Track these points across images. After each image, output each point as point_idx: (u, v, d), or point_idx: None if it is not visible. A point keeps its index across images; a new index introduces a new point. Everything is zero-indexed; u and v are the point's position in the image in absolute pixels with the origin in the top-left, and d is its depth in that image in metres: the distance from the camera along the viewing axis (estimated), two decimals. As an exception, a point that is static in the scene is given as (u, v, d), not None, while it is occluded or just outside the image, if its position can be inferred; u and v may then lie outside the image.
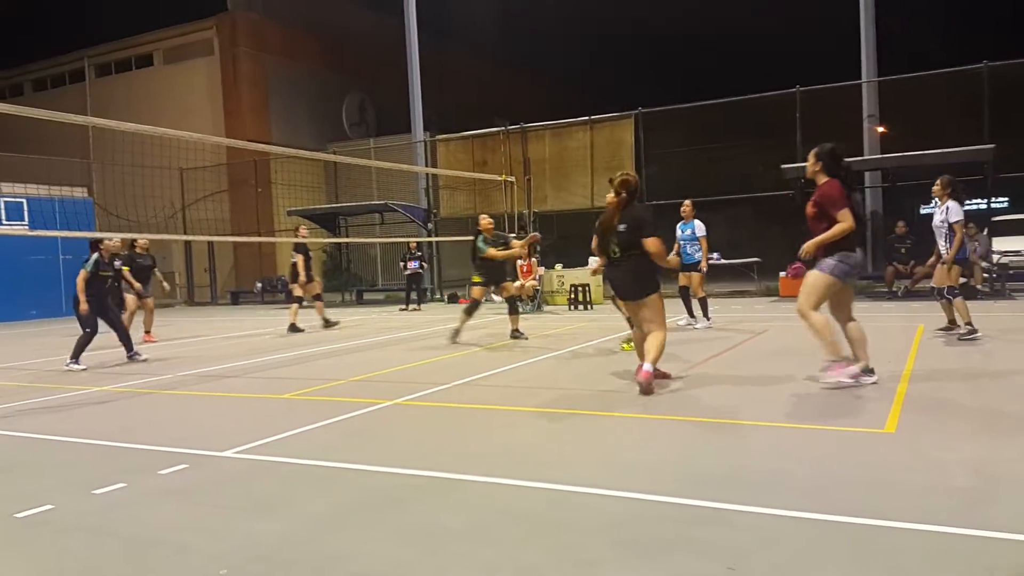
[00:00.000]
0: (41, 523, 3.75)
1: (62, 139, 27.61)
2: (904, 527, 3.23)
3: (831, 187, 6.17)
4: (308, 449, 5.00)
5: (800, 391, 6.26)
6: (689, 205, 11.49)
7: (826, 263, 6.19)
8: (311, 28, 31.53)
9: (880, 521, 3.29)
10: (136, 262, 12.75)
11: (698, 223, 11.32)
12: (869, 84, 18.89)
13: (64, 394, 7.74)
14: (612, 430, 5.28)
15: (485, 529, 3.44)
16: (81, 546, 3.46)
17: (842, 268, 6.16)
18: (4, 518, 3.83)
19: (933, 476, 3.91)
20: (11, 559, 3.34)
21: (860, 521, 3.30)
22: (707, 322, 11.32)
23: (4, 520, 3.80)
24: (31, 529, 3.68)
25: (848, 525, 3.28)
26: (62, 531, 3.65)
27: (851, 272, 6.24)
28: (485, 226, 10.90)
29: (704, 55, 37.82)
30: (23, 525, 3.73)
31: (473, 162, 22.67)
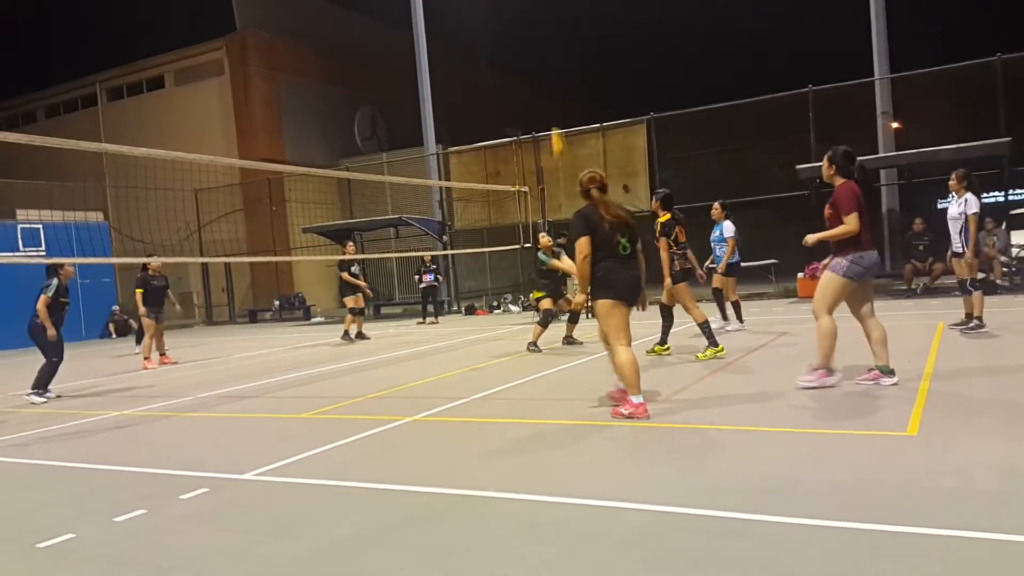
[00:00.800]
0: (63, 553, 3.74)
1: (77, 164, 27.90)
2: (929, 533, 3.17)
3: (844, 189, 6.21)
4: (328, 469, 4.98)
5: (821, 395, 6.17)
6: (718, 207, 11.50)
7: (838, 264, 6.20)
8: (320, 44, 31.72)
9: (904, 527, 3.23)
10: (150, 284, 12.77)
11: (727, 224, 11.31)
12: (882, 81, 18.75)
13: (84, 420, 7.77)
14: (634, 441, 5.22)
15: (508, 547, 3.40)
16: (104, 575, 3.44)
17: (855, 269, 6.15)
18: (26, 548, 3.82)
19: (958, 479, 3.83)
20: (34, 591, 3.33)
21: (884, 528, 3.25)
22: (740, 325, 11.23)
23: (26, 551, 3.80)
24: (53, 559, 3.67)
25: (871, 532, 3.22)
26: (84, 561, 3.65)
27: (865, 272, 6.22)
28: (545, 244, 11.25)
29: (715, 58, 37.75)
30: (45, 556, 3.72)
31: (486, 173, 22.70)
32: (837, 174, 6.32)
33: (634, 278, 5.93)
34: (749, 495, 3.81)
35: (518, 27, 34.16)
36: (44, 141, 8.21)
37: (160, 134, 29.10)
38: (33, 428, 7.41)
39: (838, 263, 6.20)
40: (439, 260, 20.22)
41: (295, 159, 27.99)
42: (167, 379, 10.92)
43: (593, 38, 38.62)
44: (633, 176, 20.61)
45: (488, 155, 23.02)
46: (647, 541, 3.33)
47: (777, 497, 3.74)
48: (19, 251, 18.93)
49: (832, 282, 6.25)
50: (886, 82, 18.73)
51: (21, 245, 19.46)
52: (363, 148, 32.62)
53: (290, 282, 28.44)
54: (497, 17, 32.60)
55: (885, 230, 18.59)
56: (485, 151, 23.07)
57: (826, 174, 6.43)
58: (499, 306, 21.27)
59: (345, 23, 33.02)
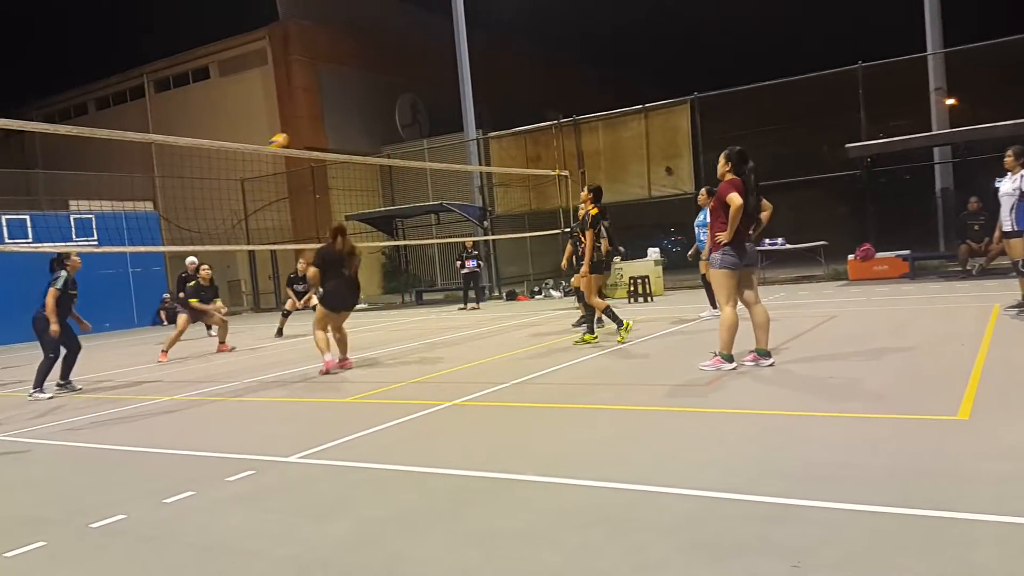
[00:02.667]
0: (115, 533, 3.83)
1: (127, 155, 28.52)
2: (980, 519, 3.08)
3: (726, 183, 6.76)
4: (370, 452, 5.02)
5: (869, 379, 6.05)
6: (704, 193, 11.49)
7: (714, 258, 6.80)
8: (361, 32, 31.86)
9: (954, 513, 3.15)
10: (200, 294, 12.93)
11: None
12: (935, 55, 18.16)
13: (135, 405, 7.95)
14: (674, 426, 5.16)
15: (549, 531, 3.38)
16: (153, 554, 3.52)
17: (728, 259, 6.70)
18: (79, 529, 3.92)
19: (1010, 464, 3.72)
20: (87, 569, 3.42)
21: (932, 513, 3.17)
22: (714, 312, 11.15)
23: (80, 531, 3.90)
24: (105, 539, 3.76)
25: (919, 518, 3.15)
26: (135, 540, 3.73)
27: (738, 261, 6.71)
28: None
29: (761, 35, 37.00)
30: (98, 535, 3.82)
31: (526, 158, 22.62)
32: (731, 172, 6.82)
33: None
34: (796, 480, 3.74)
35: (559, 9, 33.85)
36: (94, 133, 8.38)
37: (206, 124, 29.59)
38: (86, 413, 7.61)
39: (714, 258, 6.79)
40: (480, 246, 20.23)
41: (337, 147, 28.23)
42: (214, 366, 11.13)
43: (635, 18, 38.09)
44: (676, 158, 20.33)
45: (528, 139, 22.93)
46: (689, 527, 3.29)
47: (825, 482, 3.67)
48: (72, 241, 19.41)
49: (715, 275, 6.86)
50: (940, 56, 18.13)
51: (74, 235, 19.95)
52: (404, 135, 32.75)
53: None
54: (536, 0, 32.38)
55: (939, 210, 18.07)
56: (525, 135, 22.98)
57: (720, 171, 6.90)
58: (540, 291, 21.24)
59: (385, 10, 33.11)
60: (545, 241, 21.95)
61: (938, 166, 18.08)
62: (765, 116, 19.74)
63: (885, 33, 23.21)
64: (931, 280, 14.97)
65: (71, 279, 9.10)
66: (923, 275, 15.73)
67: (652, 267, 17.17)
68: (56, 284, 8.87)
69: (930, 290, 12.95)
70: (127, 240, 19.86)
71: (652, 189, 20.70)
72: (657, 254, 17.75)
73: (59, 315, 8.82)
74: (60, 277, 8.93)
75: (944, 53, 18.14)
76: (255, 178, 25.93)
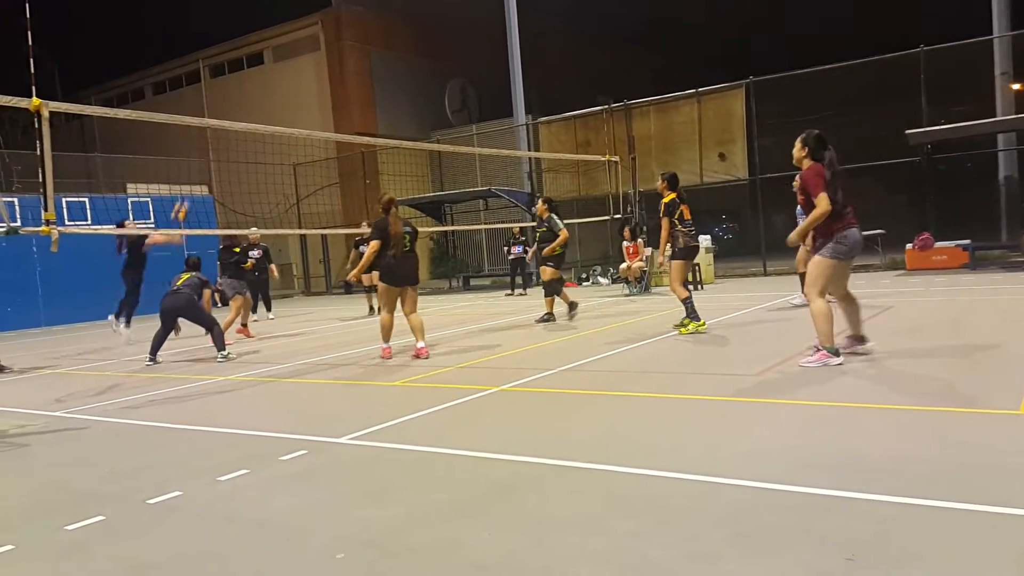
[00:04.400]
0: (171, 509, 3.93)
1: (183, 139, 29.05)
2: None
3: (810, 171, 6.34)
4: (420, 436, 5.06)
5: (926, 371, 5.91)
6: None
7: (826, 246, 6.33)
8: (412, 17, 31.96)
9: (1012, 509, 3.06)
10: (246, 251, 13.18)
11: None
12: (1001, 39, 17.52)
13: (190, 384, 8.14)
14: (725, 415, 5.10)
15: (597, 518, 3.37)
16: (208, 530, 3.60)
17: (840, 248, 6.29)
18: (137, 504, 4.03)
19: (1077, 462, 3.59)
20: (145, 543, 3.51)
21: (988, 509, 3.09)
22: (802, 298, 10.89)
23: (137, 506, 4.01)
24: (162, 514, 3.86)
25: (975, 513, 3.07)
26: (191, 516, 3.82)
27: (850, 251, 6.36)
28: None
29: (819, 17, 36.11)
30: (155, 511, 3.92)
31: (576, 143, 22.49)
32: (808, 157, 6.41)
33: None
34: (849, 472, 3.67)
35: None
36: (152, 117, 8.57)
37: (260, 109, 30.03)
38: (143, 392, 7.81)
39: (826, 245, 6.32)
40: (528, 232, 20.19)
41: (388, 132, 28.43)
42: (268, 347, 11.33)
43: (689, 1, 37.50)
44: (730, 143, 20.00)
45: (578, 124, 22.78)
46: (738, 517, 3.25)
47: (876, 475, 3.60)
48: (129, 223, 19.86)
49: (820, 263, 6.35)
50: (1006, 40, 17.50)
51: (131, 217, 20.42)
52: (453, 120, 32.83)
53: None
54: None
55: (1002, 199, 17.51)
56: (575, 120, 22.83)
57: (797, 156, 6.51)
58: (588, 278, 21.15)
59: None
60: (593, 227, 21.83)
61: (1002, 153, 17.50)
62: (822, 101, 19.26)
63: (949, 15, 22.45)
64: (992, 271, 14.52)
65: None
66: (984, 265, 15.27)
67: (703, 255, 16.94)
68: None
69: (991, 280, 12.56)
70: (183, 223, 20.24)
71: (704, 175, 20.42)
72: (708, 241, 17.52)
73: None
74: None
75: (1011, 36, 17.49)
76: (307, 163, 26.26)
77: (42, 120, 6.93)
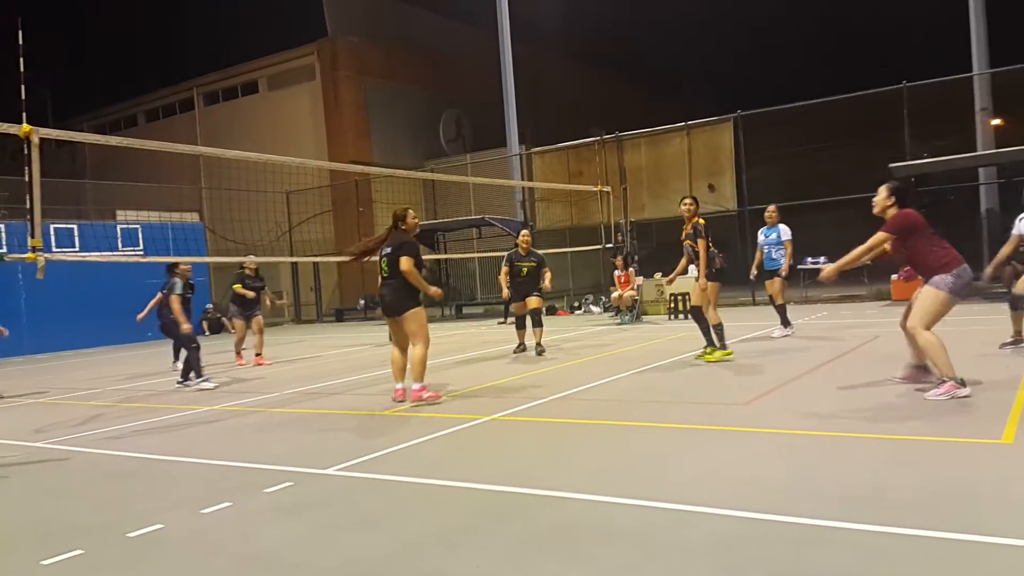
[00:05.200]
0: (152, 542, 3.88)
1: (174, 166, 29.11)
2: (1018, 545, 3.01)
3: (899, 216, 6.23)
4: (408, 466, 5.02)
5: (911, 400, 5.93)
6: (774, 209, 11.28)
7: (943, 280, 6.01)
8: (408, 48, 32.22)
9: (996, 538, 3.08)
10: (244, 282, 12.96)
11: (783, 227, 11.13)
12: (981, 76, 17.80)
13: (175, 414, 8.07)
14: (714, 444, 5.08)
15: (584, 549, 3.35)
16: (190, 565, 3.55)
17: (960, 284, 6.00)
18: (117, 537, 3.98)
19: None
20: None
21: (975, 538, 3.10)
22: (785, 330, 10.94)
23: (117, 539, 3.95)
24: (143, 548, 3.81)
25: (962, 543, 3.09)
26: (172, 550, 3.77)
27: (966, 287, 6.10)
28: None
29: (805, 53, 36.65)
30: (136, 544, 3.87)
31: (569, 173, 22.63)
32: (895, 207, 6.29)
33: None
34: (837, 502, 3.67)
35: (603, 26, 33.93)
36: (143, 144, 8.59)
37: (253, 137, 30.09)
38: (127, 422, 7.74)
39: (943, 279, 6.00)
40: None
41: (382, 161, 28.53)
42: (255, 376, 11.26)
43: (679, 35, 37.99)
44: (719, 175, 20.19)
45: (571, 155, 22.95)
46: (728, 548, 3.23)
47: (866, 505, 3.60)
48: (118, 251, 19.80)
49: (937, 297, 6.04)
50: (986, 77, 17.78)
51: (120, 244, 20.36)
52: (448, 150, 33.00)
53: (375, 282, 28.75)
54: (582, 16, 32.48)
55: (984, 231, 17.67)
56: (568, 151, 23.00)
57: (881, 206, 6.38)
58: (580, 307, 21.15)
59: (432, 27, 33.45)
60: (585, 256, 21.89)
61: (983, 187, 17.69)
62: (809, 135, 19.52)
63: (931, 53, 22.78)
64: (975, 301, 14.58)
65: (185, 283, 10.11)
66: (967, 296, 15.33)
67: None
68: (175, 290, 9.91)
69: (974, 311, 12.63)
70: (172, 251, 20.20)
71: (695, 206, 20.52)
72: (698, 271, 17.55)
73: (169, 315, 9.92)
74: (176, 283, 9.97)
75: (990, 74, 17.78)
76: (300, 191, 26.30)
77: (32, 146, 6.93)
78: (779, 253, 11.02)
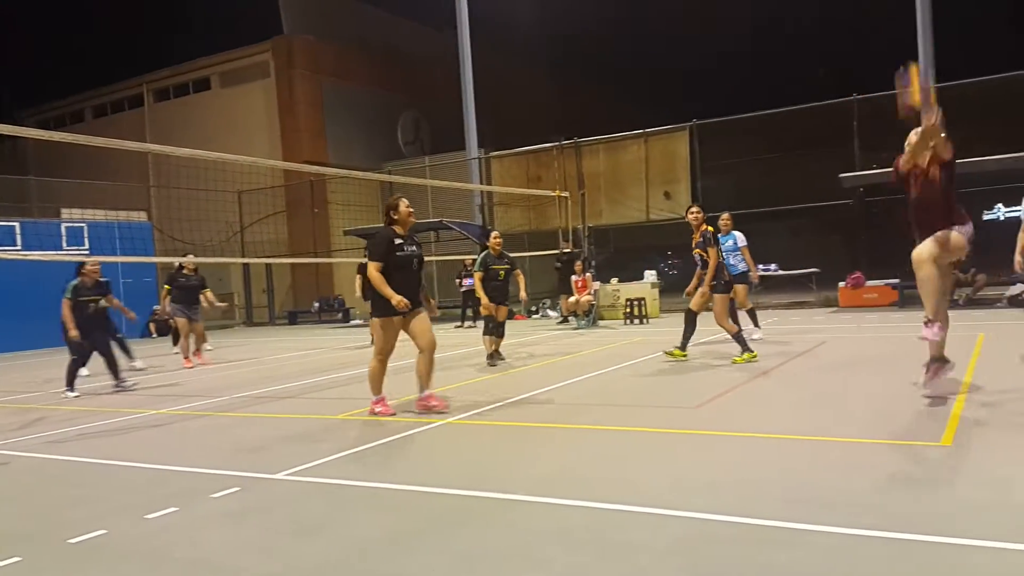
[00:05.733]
0: (95, 548, 3.76)
1: (122, 164, 28.42)
2: (964, 543, 3.10)
3: None
4: (359, 470, 4.95)
5: (856, 404, 6.08)
6: (728, 217, 11.39)
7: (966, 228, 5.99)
8: (365, 48, 31.97)
9: (940, 538, 3.16)
10: (177, 282, 12.69)
11: (738, 234, 11.25)
12: (928, 90, 18.33)
13: (121, 418, 7.86)
14: (670, 447, 5.12)
15: (538, 552, 3.33)
16: (134, 571, 3.45)
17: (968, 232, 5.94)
18: (58, 544, 3.84)
19: (993, 491, 3.75)
20: (64, 584, 3.34)
21: (919, 538, 3.18)
22: (757, 332, 11.11)
23: (58, 546, 3.81)
24: (85, 554, 3.69)
25: (907, 542, 3.15)
26: (115, 556, 3.65)
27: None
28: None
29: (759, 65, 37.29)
30: (77, 551, 3.74)
31: (527, 178, 22.69)
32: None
33: None
34: (787, 503, 3.73)
35: (563, 32, 34.12)
36: (90, 140, 8.36)
37: (205, 136, 29.56)
38: (70, 425, 7.51)
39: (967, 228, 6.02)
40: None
41: (338, 162, 28.24)
42: (204, 379, 11.04)
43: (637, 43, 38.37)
44: (675, 183, 20.44)
45: (530, 160, 23.02)
46: (683, 549, 3.25)
47: (815, 506, 3.66)
48: (62, 249, 19.26)
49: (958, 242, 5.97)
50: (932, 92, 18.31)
51: (64, 243, 19.80)
52: (406, 152, 32.81)
53: (330, 284, 28.65)
54: (542, 22, 32.61)
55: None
56: (527, 156, 23.06)
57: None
58: (537, 311, 21.19)
59: (390, 27, 33.25)
60: (543, 261, 21.95)
61: (928, 198, 18.16)
62: (762, 144, 19.86)
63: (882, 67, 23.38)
64: (919, 309, 14.95)
65: (85, 286, 9.51)
66: (911, 304, 15.72)
67: (649, 289, 17.16)
68: (65, 294, 9.34)
69: (918, 318, 12.92)
70: (119, 250, 19.72)
71: (650, 212, 20.78)
72: (654, 276, 17.76)
73: (76, 321, 9.26)
74: (69, 286, 9.41)
75: (937, 88, 18.28)
76: (252, 190, 25.91)
77: (-28, 141, 6.69)
78: (736, 259, 11.12)
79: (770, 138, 19.63)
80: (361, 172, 22.05)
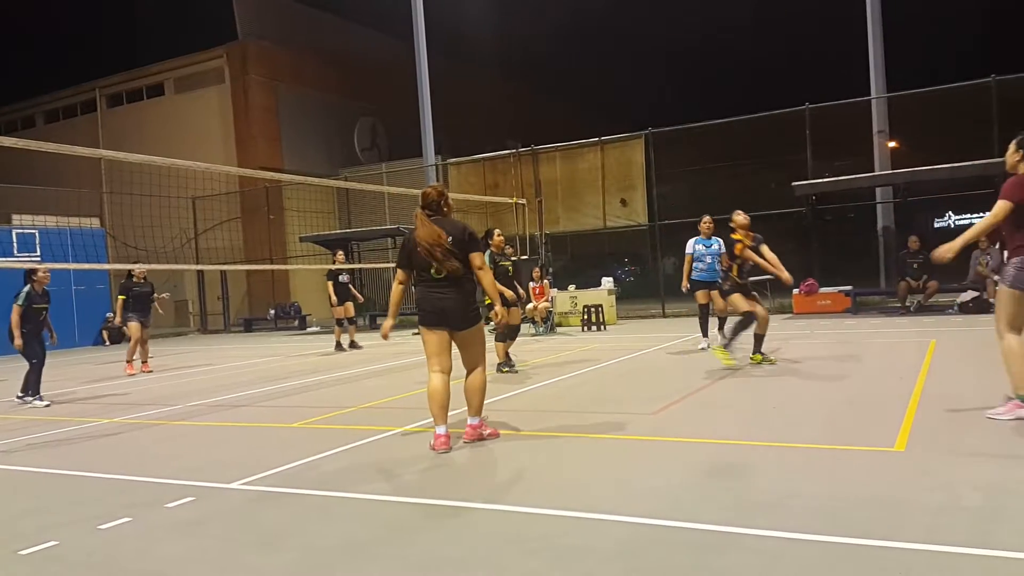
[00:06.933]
0: (47, 559, 3.72)
1: (75, 170, 27.89)
2: (914, 547, 3.18)
3: (1018, 177, 5.21)
4: (315, 479, 4.96)
5: (810, 410, 6.19)
6: (710, 220, 11.46)
7: (1006, 272, 5.21)
8: (321, 54, 31.79)
9: (890, 542, 3.24)
10: (132, 291, 12.76)
11: (718, 239, 11.31)
12: (879, 100, 18.82)
13: (72, 427, 7.73)
14: (623, 453, 5.21)
15: (492, 559, 3.38)
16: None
17: (1022, 276, 5.12)
18: (8, 556, 3.79)
19: (943, 495, 3.84)
20: (14, 597, 3.30)
21: (869, 542, 3.25)
22: (706, 341, 11.25)
23: (8, 558, 3.77)
24: (36, 566, 3.65)
25: (858, 547, 3.23)
26: (67, 568, 3.62)
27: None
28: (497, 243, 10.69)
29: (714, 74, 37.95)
30: (28, 562, 3.70)
31: (485, 185, 22.75)
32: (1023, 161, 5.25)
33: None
34: (737, 509, 3.80)
35: (520, 40, 34.33)
36: (41, 146, 8.22)
37: (159, 141, 29.10)
38: (20, 435, 7.37)
39: (1005, 271, 5.21)
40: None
41: (294, 168, 27.97)
42: (157, 387, 10.89)
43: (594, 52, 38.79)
44: (631, 190, 20.68)
45: (487, 167, 23.08)
46: (633, 554, 3.32)
47: (766, 511, 3.74)
48: (13, 256, 18.84)
49: (1001, 295, 5.25)
50: (883, 101, 18.80)
51: (15, 250, 19.38)
52: (363, 158, 32.67)
53: (286, 291, 28.39)
54: (499, 30, 32.78)
55: (880, 248, 18.64)
56: (484, 163, 23.13)
57: (1011, 162, 5.33)
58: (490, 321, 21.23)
59: (347, 33, 33.12)
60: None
61: (880, 205, 18.65)
62: (716, 153, 20.21)
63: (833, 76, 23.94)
64: (872, 315, 15.36)
65: (36, 294, 9.44)
66: (864, 310, 16.14)
67: (606, 296, 17.33)
68: (17, 300, 9.27)
69: (870, 325, 13.28)
70: (71, 257, 19.34)
71: (607, 220, 20.99)
72: (611, 283, 17.94)
73: (27, 328, 9.21)
74: (21, 293, 9.34)
75: (887, 98, 18.81)
76: (207, 196, 25.58)
77: (-83, 146, 6.56)
78: (718, 263, 11.16)
79: (725, 147, 19.99)
80: (317, 179, 21.92)
